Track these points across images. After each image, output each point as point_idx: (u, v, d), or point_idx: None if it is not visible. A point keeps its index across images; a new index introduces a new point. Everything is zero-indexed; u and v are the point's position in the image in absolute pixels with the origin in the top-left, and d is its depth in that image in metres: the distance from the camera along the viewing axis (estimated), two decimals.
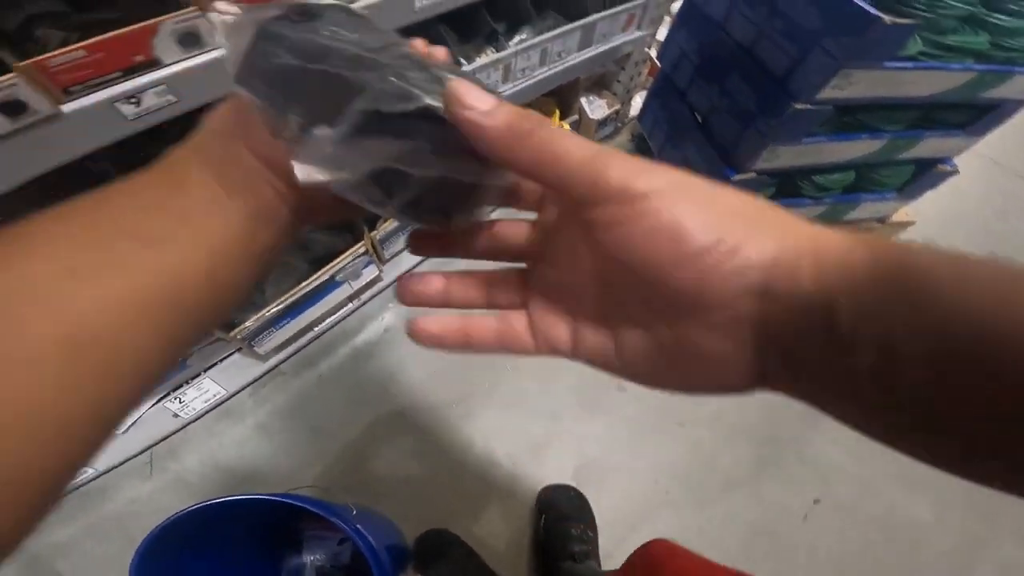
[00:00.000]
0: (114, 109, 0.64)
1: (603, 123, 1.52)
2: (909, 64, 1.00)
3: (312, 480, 1.08)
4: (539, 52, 1.12)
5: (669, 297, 0.22)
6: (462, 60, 1.07)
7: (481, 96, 0.23)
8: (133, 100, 0.65)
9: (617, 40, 1.29)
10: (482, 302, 0.32)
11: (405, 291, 0.31)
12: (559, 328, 0.28)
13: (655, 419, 1.21)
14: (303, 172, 0.25)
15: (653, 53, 1.54)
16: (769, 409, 1.24)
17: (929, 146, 1.28)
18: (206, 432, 1.12)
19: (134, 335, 0.22)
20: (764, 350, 0.22)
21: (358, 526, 0.73)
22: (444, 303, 0.31)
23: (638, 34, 1.32)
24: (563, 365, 0.92)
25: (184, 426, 1.11)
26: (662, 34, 1.44)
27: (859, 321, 0.19)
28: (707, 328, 0.22)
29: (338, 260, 1.12)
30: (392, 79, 0.24)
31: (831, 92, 1.03)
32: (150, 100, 0.67)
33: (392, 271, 1.32)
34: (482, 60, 1.06)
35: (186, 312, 0.24)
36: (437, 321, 0.29)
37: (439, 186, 0.26)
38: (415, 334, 0.29)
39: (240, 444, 1.11)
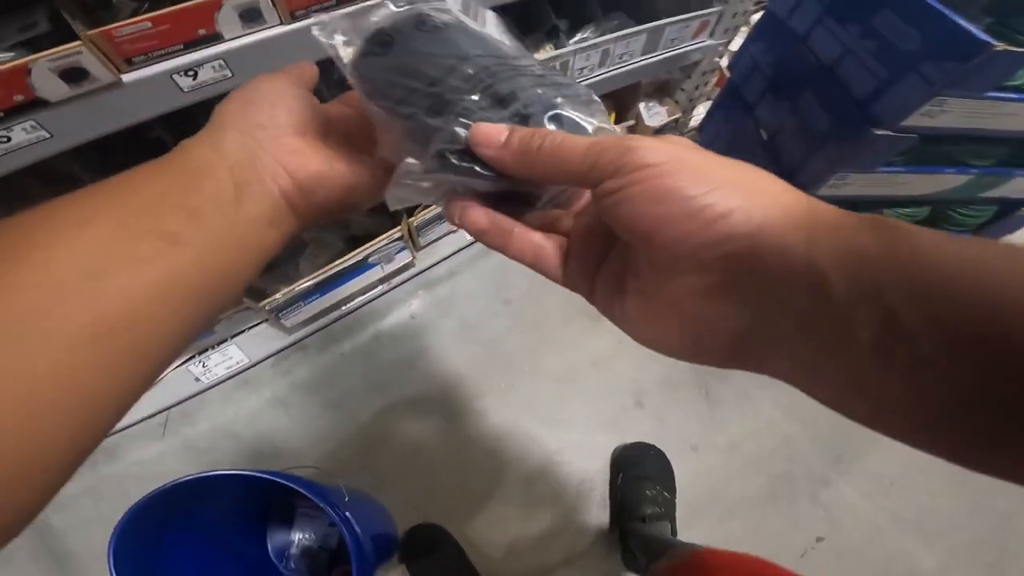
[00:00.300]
0: (172, 81, 0.65)
1: (660, 131, 1.46)
2: (1013, 95, 0.92)
3: (319, 458, 1.09)
4: (600, 52, 1.07)
5: (657, 258, 0.24)
6: None
7: (493, 134, 0.27)
8: (191, 73, 0.66)
9: (685, 47, 1.23)
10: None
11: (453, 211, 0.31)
12: (581, 282, 0.30)
13: (669, 440, 1.17)
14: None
15: (725, 63, 1.47)
16: (788, 444, 1.20)
17: (1018, 186, 1.18)
18: (223, 399, 1.14)
19: (154, 324, 0.24)
20: (743, 317, 0.22)
21: (347, 513, 0.73)
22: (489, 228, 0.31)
23: (709, 42, 1.25)
24: (581, 375, 1.11)
25: (203, 391, 1.13)
26: (737, 44, 1.36)
27: (857, 292, 0.18)
28: (688, 292, 0.23)
29: (374, 242, 1.11)
30: (453, 127, 0.28)
31: (918, 120, 0.96)
32: (207, 74, 0.68)
33: (426, 258, 1.31)
34: (539, 56, 1.03)
35: (198, 303, 0.26)
36: (487, 214, 0.30)
37: (500, 196, 0.30)
38: (464, 219, 0.30)
39: (255, 414, 1.13)
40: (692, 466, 1.16)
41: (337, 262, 1.08)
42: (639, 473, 1.09)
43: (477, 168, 0.28)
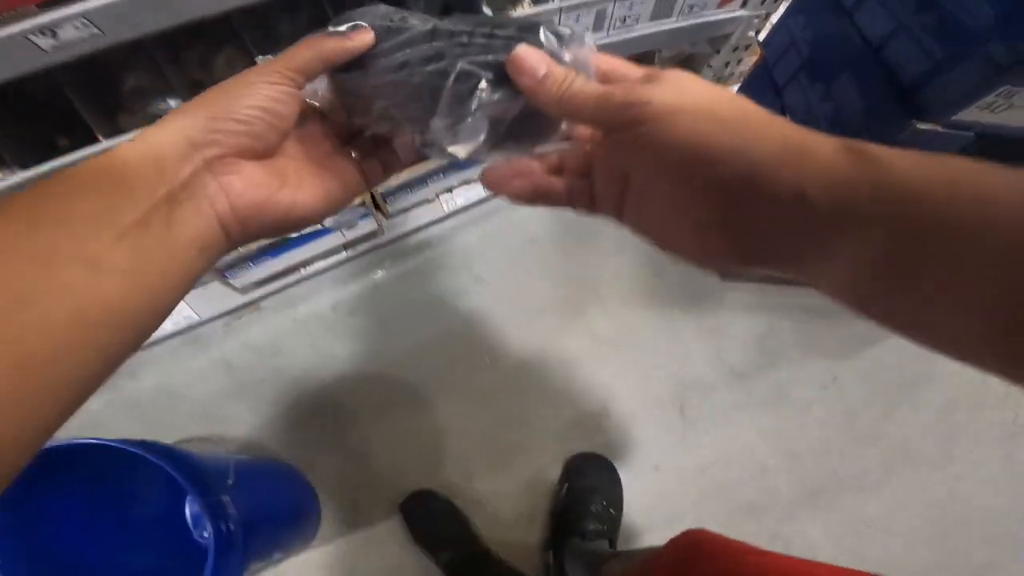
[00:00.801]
0: (29, 41, 0.62)
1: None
2: None
3: (259, 425, 1.07)
4: (593, 13, 0.93)
5: (667, 192, 0.28)
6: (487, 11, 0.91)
7: (534, 64, 0.30)
8: (48, 32, 0.62)
9: (709, 16, 1.06)
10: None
11: (491, 180, 0.36)
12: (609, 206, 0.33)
13: (630, 455, 1.09)
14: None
15: (763, 39, 1.28)
16: (763, 474, 1.09)
17: None
18: (171, 355, 1.14)
19: (75, 355, 0.24)
20: (743, 236, 0.26)
21: (225, 497, 0.69)
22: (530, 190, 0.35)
23: (741, 13, 1.08)
24: (547, 371, 1.12)
25: (149, 345, 1.11)
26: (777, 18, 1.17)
27: (834, 206, 0.23)
28: (696, 218, 0.27)
29: None
30: (486, 58, 0.31)
31: (977, 114, 0.80)
32: (70, 33, 0.63)
33: (395, 228, 1.23)
34: (514, 14, 0.90)
35: (122, 330, 0.25)
36: (529, 178, 0.35)
37: (524, 121, 0.33)
38: (508, 188, 0.35)
39: (200, 374, 1.11)
40: (648, 486, 1.07)
41: None
42: (586, 485, 1.02)
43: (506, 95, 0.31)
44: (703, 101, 0.26)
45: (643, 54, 1.14)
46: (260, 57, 0.81)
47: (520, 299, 1.20)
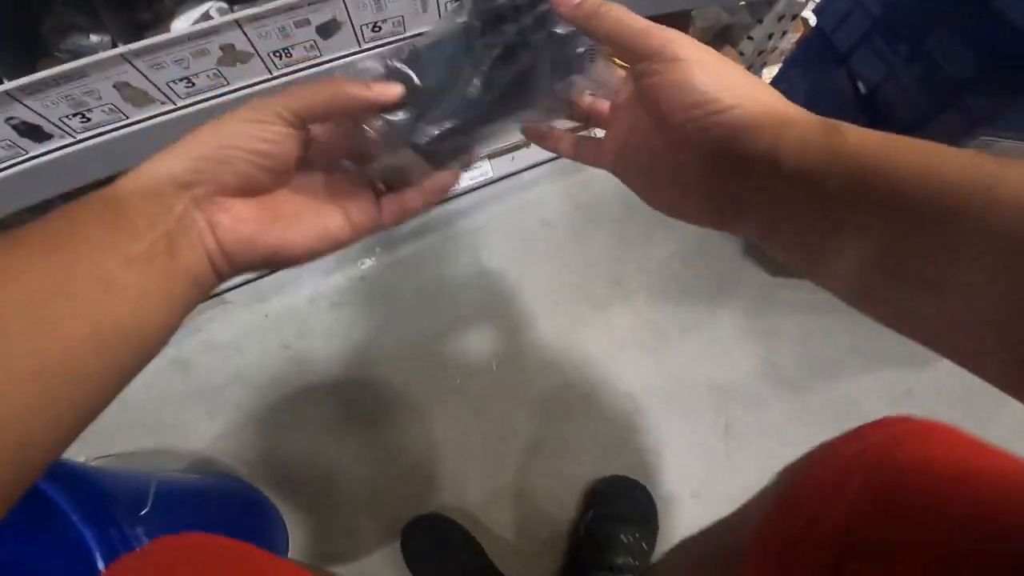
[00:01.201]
0: None
1: None
2: None
3: (212, 439, 0.90)
4: None
5: (670, 135, 0.31)
6: None
7: None
8: None
9: None
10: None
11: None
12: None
13: (664, 478, 0.91)
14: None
15: (809, 14, 1.13)
16: None
17: None
18: None
19: (91, 370, 0.25)
20: (725, 188, 0.30)
21: (137, 529, 0.54)
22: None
23: None
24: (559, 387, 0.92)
25: None
26: None
27: (799, 169, 0.26)
28: (689, 163, 0.31)
29: None
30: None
31: None
32: None
33: None
34: None
35: (133, 350, 0.27)
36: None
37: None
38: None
39: (151, 377, 0.95)
40: (687, 516, 0.89)
41: None
42: (614, 512, 0.85)
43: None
44: (710, 56, 0.30)
45: (675, 16, 0.99)
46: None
47: (531, 292, 1.03)
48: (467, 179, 1.10)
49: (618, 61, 0.35)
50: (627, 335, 0.99)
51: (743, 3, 1.10)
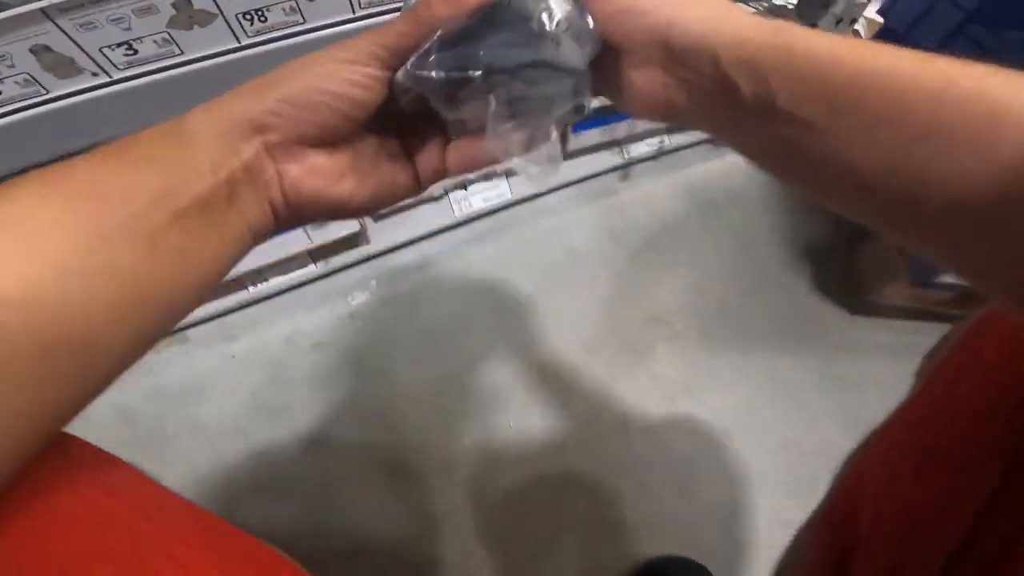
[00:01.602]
0: None
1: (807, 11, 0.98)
2: None
3: None
4: None
5: (613, 43, 0.30)
6: None
7: None
8: None
9: None
10: None
11: None
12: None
13: (738, 566, 0.70)
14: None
15: (872, 11, 1.01)
16: None
17: None
18: None
19: (112, 337, 0.23)
20: (669, 85, 0.29)
21: None
22: None
23: None
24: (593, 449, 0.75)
25: None
26: None
27: (738, 64, 0.26)
28: (632, 66, 0.30)
29: None
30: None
31: None
32: None
33: (386, 232, 0.91)
34: None
35: (163, 313, 0.26)
36: None
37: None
38: None
39: (84, 422, 0.76)
40: None
41: None
42: None
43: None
44: None
45: None
46: None
47: (557, 333, 0.86)
48: (480, 201, 0.94)
49: None
50: (678, 385, 0.82)
51: (791, 7, 0.97)
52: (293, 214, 0.30)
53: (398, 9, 0.59)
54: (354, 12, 0.56)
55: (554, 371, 0.82)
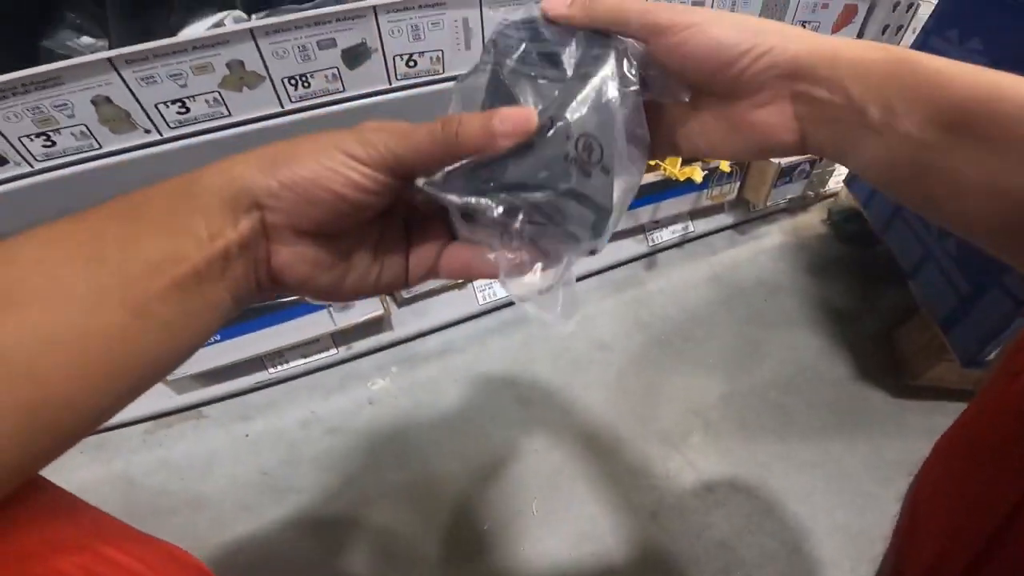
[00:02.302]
0: None
1: (788, 172, 1.00)
2: None
3: None
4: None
5: (720, 90, 0.31)
6: None
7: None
8: None
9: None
10: None
11: None
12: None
13: None
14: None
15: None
16: None
17: None
18: (55, 462, 0.76)
19: (94, 397, 0.24)
20: (802, 116, 0.30)
21: None
22: None
23: None
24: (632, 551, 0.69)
25: None
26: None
27: (866, 92, 0.27)
28: (758, 106, 0.31)
29: None
30: None
31: None
32: None
33: (407, 320, 0.91)
34: None
35: (146, 376, 0.26)
36: None
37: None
38: None
39: (85, 488, 0.73)
40: None
41: None
42: None
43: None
44: (720, 13, 0.31)
45: None
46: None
47: (582, 422, 0.81)
48: (504, 290, 0.95)
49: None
50: (715, 473, 0.75)
51: None
52: (275, 290, 0.31)
53: (434, 82, 0.64)
54: (390, 83, 0.61)
55: (581, 459, 0.77)
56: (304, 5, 0.57)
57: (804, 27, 0.79)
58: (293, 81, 0.57)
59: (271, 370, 0.86)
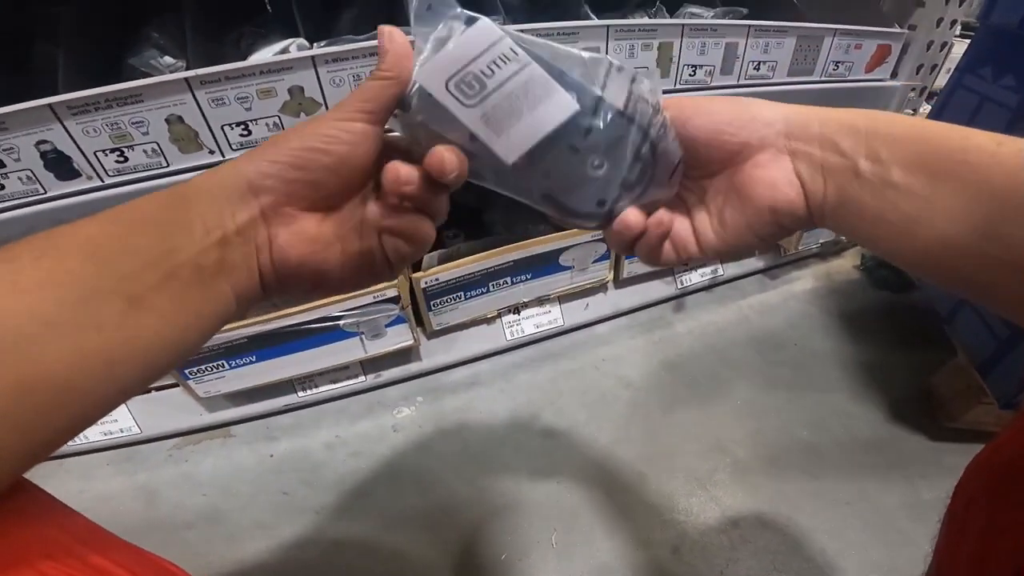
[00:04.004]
0: None
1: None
2: None
3: None
4: (721, 50, 0.77)
5: (729, 155, 0.35)
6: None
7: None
8: None
9: (856, 80, 0.89)
10: None
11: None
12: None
13: None
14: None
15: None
16: None
17: None
18: (82, 470, 0.82)
19: (91, 385, 0.24)
20: (799, 171, 0.33)
21: None
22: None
23: (891, 83, 0.90)
24: None
25: (65, 456, 0.84)
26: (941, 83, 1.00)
27: (856, 146, 0.31)
28: (759, 166, 0.34)
29: (348, 296, 0.79)
30: None
31: None
32: None
33: (438, 352, 0.95)
34: (624, 21, 0.73)
35: (144, 367, 0.27)
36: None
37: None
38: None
39: (107, 498, 0.78)
40: None
41: (286, 312, 0.77)
42: None
43: None
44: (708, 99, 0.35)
45: None
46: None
47: (605, 457, 0.82)
48: (532, 326, 0.98)
49: None
50: (742, 509, 0.75)
51: None
52: (279, 281, 0.32)
53: None
54: None
55: (603, 492, 0.77)
56: (360, 37, 0.63)
57: (837, 67, 0.87)
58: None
59: (300, 393, 0.90)
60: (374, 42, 0.60)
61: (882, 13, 0.90)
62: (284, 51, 0.66)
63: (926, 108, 1.04)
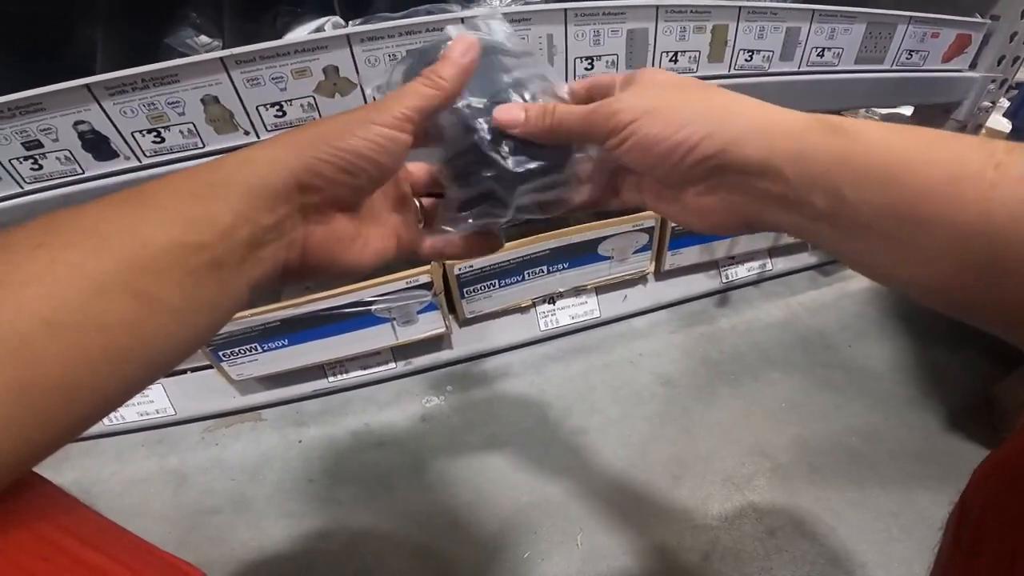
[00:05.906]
0: None
1: None
2: None
3: None
4: (781, 34, 0.74)
5: (666, 181, 0.35)
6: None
7: (514, 114, 0.35)
8: None
9: (931, 70, 0.85)
10: None
11: None
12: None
13: None
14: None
15: (1001, 120, 1.04)
16: None
17: None
18: (115, 451, 0.86)
19: (95, 385, 0.23)
20: (738, 205, 0.32)
21: None
22: None
23: (969, 74, 0.86)
24: None
25: (102, 436, 0.87)
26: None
27: (812, 183, 0.28)
28: (698, 195, 0.33)
29: (383, 280, 0.80)
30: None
31: None
32: None
33: (470, 340, 0.95)
34: (676, 1, 0.71)
35: (154, 364, 0.26)
36: None
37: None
38: None
39: (137, 482, 0.81)
40: None
41: (319, 295, 0.78)
42: None
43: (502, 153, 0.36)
44: (668, 96, 0.33)
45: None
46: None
47: (638, 456, 0.82)
48: (568, 317, 0.98)
49: None
50: (781, 517, 0.73)
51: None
52: (299, 275, 0.32)
53: None
54: None
55: (634, 493, 0.77)
56: (396, 15, 0.63)
57: (911, 56, 0.84)
58: (381, 89, 0.64)
59: (331, 379, 0.92)
60: (411, 20, 0.60)
61: (962, 1, 0.86)
62: (319, 30, 0.67)
63: (1004, 103, 1.00)
